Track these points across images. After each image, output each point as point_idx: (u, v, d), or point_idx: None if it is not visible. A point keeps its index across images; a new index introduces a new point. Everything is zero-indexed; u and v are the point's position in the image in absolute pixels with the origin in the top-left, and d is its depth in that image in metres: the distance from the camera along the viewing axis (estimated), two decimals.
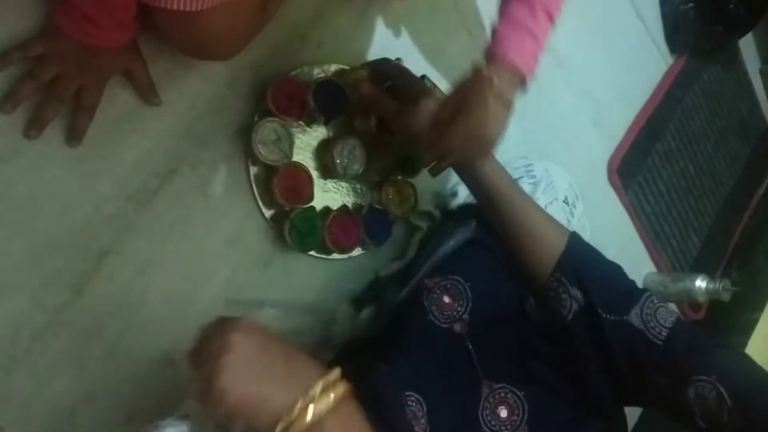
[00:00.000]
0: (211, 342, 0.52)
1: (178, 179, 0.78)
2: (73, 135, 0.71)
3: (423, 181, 0.98)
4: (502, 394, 0.73)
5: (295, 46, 0.91)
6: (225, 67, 0.83)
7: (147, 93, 0.76)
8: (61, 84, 0.69)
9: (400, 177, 0.96)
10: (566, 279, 0.75)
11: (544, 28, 0.80)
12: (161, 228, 0.77)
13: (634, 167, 1.45)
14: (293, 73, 0.87)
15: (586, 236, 0.90)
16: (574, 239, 0.79)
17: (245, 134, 0.83)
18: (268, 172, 0.84)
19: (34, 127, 0.68)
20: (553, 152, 1.21)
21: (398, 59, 0.95)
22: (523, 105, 1.15)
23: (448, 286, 0.82)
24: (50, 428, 0.67)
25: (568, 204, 1.00)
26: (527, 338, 0.79)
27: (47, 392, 0.68)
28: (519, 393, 0.73)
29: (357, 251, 0.92)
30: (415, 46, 1.06)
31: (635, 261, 1.44)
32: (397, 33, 1.04)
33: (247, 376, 0.50)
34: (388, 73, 0.88)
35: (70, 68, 0.69)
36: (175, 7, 0.61)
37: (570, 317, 0.73)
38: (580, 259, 0.77)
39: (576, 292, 0.74)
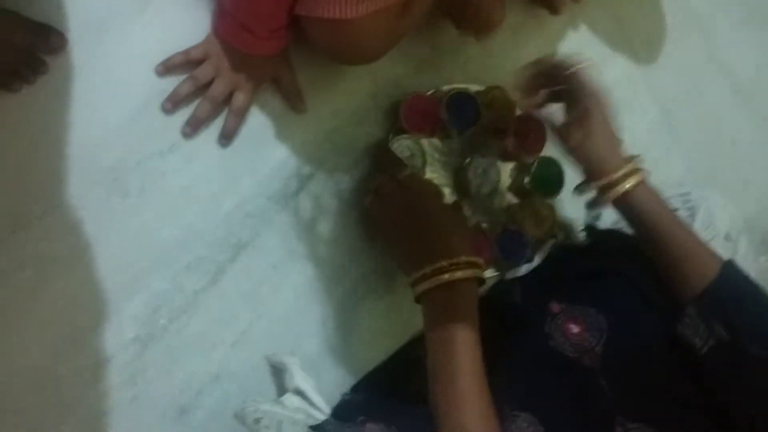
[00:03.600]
0: None
1: (315, 183, 0.82)
2: (224, 135, 0.76)
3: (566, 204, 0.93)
4: None
5: (441, 62, 0.92)
6: (369, 80, 0.86)
7: (294, 100, 0.80)
8: (216, 87, 0.75)
9: (539, 199, 0.92)
10: (708, 310, 0.67)
11: None
12: (296, 228, 0.80)
13: None
14: (429, 93, 0.87)
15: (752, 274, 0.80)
16: (729, 269, 0.71)
17: (381, 148, 0.85)
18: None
19: (190, 124, 0.75)
20: (724, 184, 1.10)
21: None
22: (693, 133, 1.07)
23: (577, 314, 0.78)
24: (177, 404, 0.72)
25: (730, 241, 0.90)
26: (670, 378, 0.72)
27: (179, 370, 0.72)
28: None
29: (490, 272, 0.89)
30: None
31: None
32: (550, 52, 1.01)
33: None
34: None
35: (226, 72, 0.75)
36: (328, 15, 0.64)
37: (705, 350, 0.67)
38: (731, 290, 0.69)
39: (718, 328, 0.66)
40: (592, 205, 0.80)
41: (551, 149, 0.89)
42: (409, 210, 0.72)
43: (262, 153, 0.80)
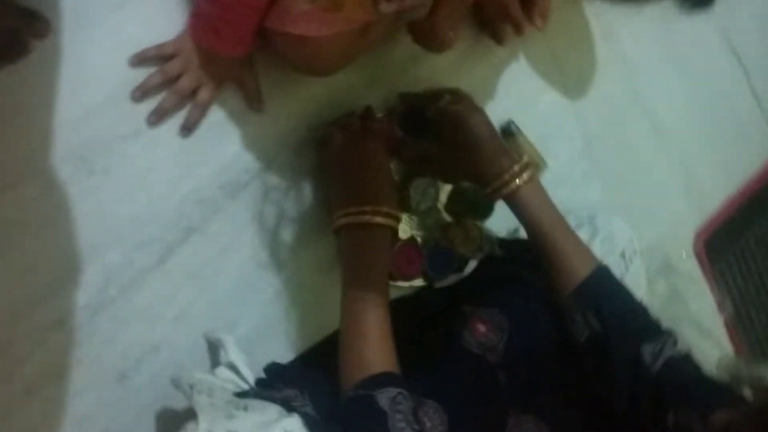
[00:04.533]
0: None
1: (266, 177, 0.89)
2: (186, 126, 0.83)
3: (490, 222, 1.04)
4: (529, 425, 0.76)
5: (392, 77, 1.00)
6: (324, 89, 0.94)
7: (253, 100, 0.87)
8: (183, 82, 0.81)
9: (470, 220, 1.02)
10: (582, 302, 0.78)
11: None
12: (244, 218, 0.87)
13: (726, 244, 1.42)
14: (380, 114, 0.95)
15: (640, 293, 0.91)
16: (602, 271, 0.81)
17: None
18: None
19: (155, 114, 0.81)
20: (632, 211, 1.22)
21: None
22: (611, 162, 1.19)
23: (485, 316, 0.86)
24: (118, 369, 0.79)
25: (624, 258, 1.01)
26: (560, 373, 0.82)
27: (122, 338, 0.79)
28: (546, 426, 0.75)
29: (419, 281, 0.98)
30: (509, 94, 1.12)
31: (711, 338, 1.41)
32: (493, 79, 1.11)
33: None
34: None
35: (193, 69, 0.81)
36: (295, 31, 0.72)
37: (582, 339, 0.77)
38: (602, 289, 0.79)
39: (592, 318, 0.76)
40: (488, 210, 0.91)
41: None
42: (352, 157, 0.82)
43: (219, 146, 0.86)
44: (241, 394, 0.71)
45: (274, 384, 0.75)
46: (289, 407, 0.68)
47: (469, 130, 0.86)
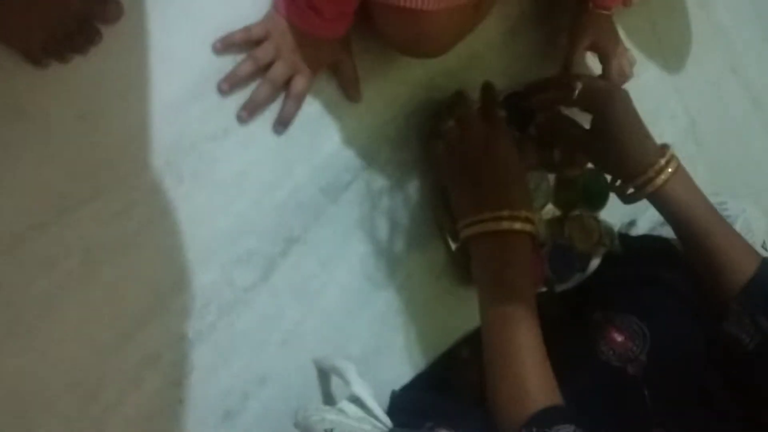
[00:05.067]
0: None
1: (368, 177, 0.78)
2: (281, 121, 0.72)
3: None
4: None
5: (491, 58, 0.89)
6: (423, 71, 0.82)
7: (351, 88, 0.76)
8: (276, 69, 0.70)
9: (584, 211, 0.91)
10: (752, 304, 0.68)
11: None
12: (347, 223, 0.76)
13: None
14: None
15: None
16: None
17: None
18: None
19: (246, 108, 0.70)
20: (741, 193, 1.11)
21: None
22: (715, 144, 1.08)
23: (621, 323, 0.76)
24: (223, 407, 0.67)
25: (766, 249, 0.91)
26: (711, 389, 0.72)
27: (225, 370, 0.68)
28: None
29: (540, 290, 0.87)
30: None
31: None
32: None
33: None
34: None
35: (286, 54, 0.70)
36: (407, 4, 0.60)
37: (751, 346, 0.67)
38: None
39: (764, 321, 0.67)
40: (628, 200, 0.79)
41: None
42: (480, 154, 0.70)
43: (316, 142, 0.75)
44: None
45: (422, 423, 0.63)
46: None
47: (609, 117, 0.75)
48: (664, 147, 0.76)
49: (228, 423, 0.68)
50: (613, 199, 0.84)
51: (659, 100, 1.08)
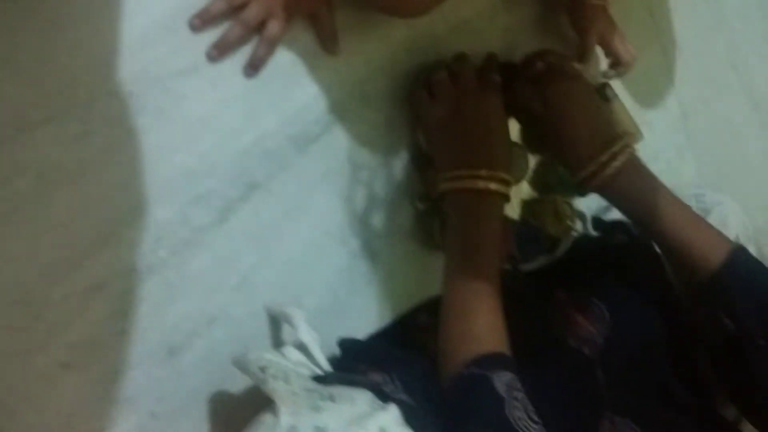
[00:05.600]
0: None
1: (338, 131, 0.77)
2: (252, 64, 0.71)
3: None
4: (624, 430, 0.65)
5: (480, 26, 0.88)
6: (406, 32, 0.81)
7: (328, 40, 0.75)
8: (250, 11, 0.69)
9: (559, 196, 0.90)
10: (714, 300, 0.66)
11: None
12: (313, 176, 0.76)
13: None
14: None
15: None
16: (737, 255, 0.68)
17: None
18: (429, 161, 0.80)
19: (217, 47, 0.69)
20: (729, 188, 1.09)
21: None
22: (707, 137, 1.06)
23: (582, 304, 0.75)
24: (167, 343, 0.67)
25: None
26: (669, 382, 0.72)
27: (174, 307, 0.67)
28: None
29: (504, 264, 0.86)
30: (603, 55, 0.99)
31: None
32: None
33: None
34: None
35: None
36: None
37: (719, 342, 0.66)
38: (738, 278, 0.67)
39: (725, 320, 0.65)
40: (579, 193, 0.79)
41: None
42: (467, 108, 0.71)
43: (288, 91, 0.74)
44: (321, 379, 0.59)
45: (356, 366, 0.63)
46: (380, 394, 0.56)
47: (556, 101, 0.74)
48: (622, 140, 0.73)
49: (173, 359, 0.67)
50: None
51: (652, 90, 1.06)
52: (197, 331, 0.68)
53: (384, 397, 0.56)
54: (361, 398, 0.53)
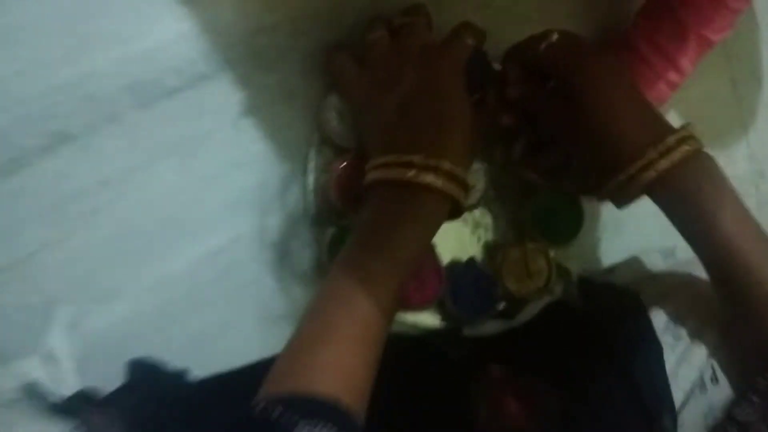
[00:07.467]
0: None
1: (209, 91, 0.57)
2: None
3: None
4: None
5: None
6: None
7: None
8: None
9: (533, 240, 0.65)
10: None
11: None
12: (157, 140, 0.56)
13: None
14: None
15: None
16: None
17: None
18: (334, 153, 0.59)
19: None
20: None
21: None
22: None
23: (523, 389, 0.55)
24: None
25: None
26: None
27: None
28: None
29: (429, 317, 0.62)
30: None
31: None
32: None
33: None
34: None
35: None
36: None
37: None
38: None
39: None
40: (619, 201, 0.54)
41: None
42: (411, 73, 0.51)
43: (142, 23, 0.55)
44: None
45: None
46: None
47: (588, 87, 0.53)
48: (681, 130, 0.52)
49: None
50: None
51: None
52: None
53: None
54: None
